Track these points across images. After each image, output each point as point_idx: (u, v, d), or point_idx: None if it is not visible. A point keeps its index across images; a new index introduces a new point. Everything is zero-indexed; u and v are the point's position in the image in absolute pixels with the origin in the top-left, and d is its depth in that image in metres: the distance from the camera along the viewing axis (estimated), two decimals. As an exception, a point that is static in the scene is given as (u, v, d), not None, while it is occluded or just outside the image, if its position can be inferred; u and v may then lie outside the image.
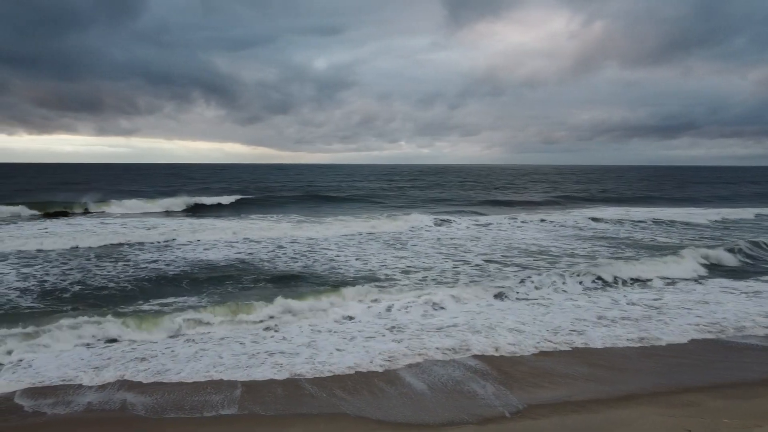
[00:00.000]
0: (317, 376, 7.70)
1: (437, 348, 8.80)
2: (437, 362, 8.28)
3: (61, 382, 7.38)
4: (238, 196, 39.63)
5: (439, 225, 25.00)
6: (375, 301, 11.45)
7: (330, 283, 13.11)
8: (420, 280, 13.54)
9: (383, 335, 9.46)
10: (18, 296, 11.50)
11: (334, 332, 9.58)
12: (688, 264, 15.16)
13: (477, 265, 15.61)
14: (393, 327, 9.90)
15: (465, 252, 17.84)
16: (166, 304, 10.97)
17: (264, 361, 8.13)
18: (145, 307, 10.79)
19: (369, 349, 8.71)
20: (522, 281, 13.10)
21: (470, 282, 13.27)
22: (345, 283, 12.80)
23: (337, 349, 8.69)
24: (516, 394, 7.16)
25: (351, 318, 10.43)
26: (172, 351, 8.52)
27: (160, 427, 6.24)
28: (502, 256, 17.10)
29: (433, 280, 13.60)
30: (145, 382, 7.43)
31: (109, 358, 8.21)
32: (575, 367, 8.14)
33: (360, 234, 21.75)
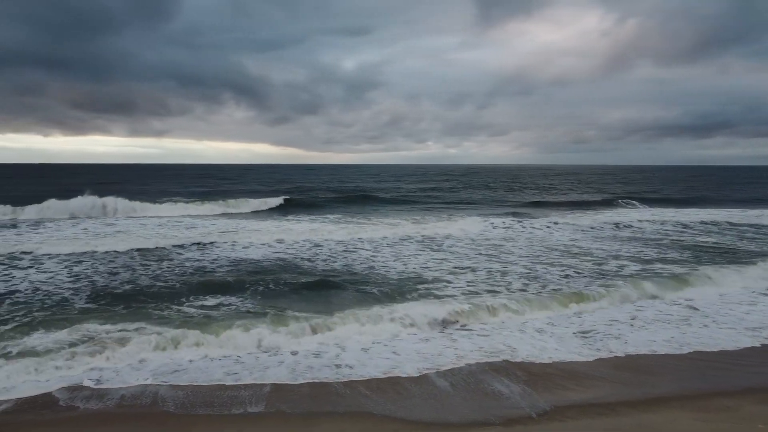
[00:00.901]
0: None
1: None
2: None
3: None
4: (284, 196, 38.67)
5: (495, 228, 23.65)
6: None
7: (400, 294, 12.11)
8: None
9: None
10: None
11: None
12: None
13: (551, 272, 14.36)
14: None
15: (542, 257, 16.65)
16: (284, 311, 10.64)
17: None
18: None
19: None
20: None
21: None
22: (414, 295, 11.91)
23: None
24: (542, 395, 7.03)
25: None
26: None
27: (189, 423, 6.29)
28: (567, 262, 15.87)
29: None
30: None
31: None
32: (603, 369, 7.97)
33: (421, 237, 20.81)
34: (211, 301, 11.29)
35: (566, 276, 13.80)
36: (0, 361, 7.70)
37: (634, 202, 40.70)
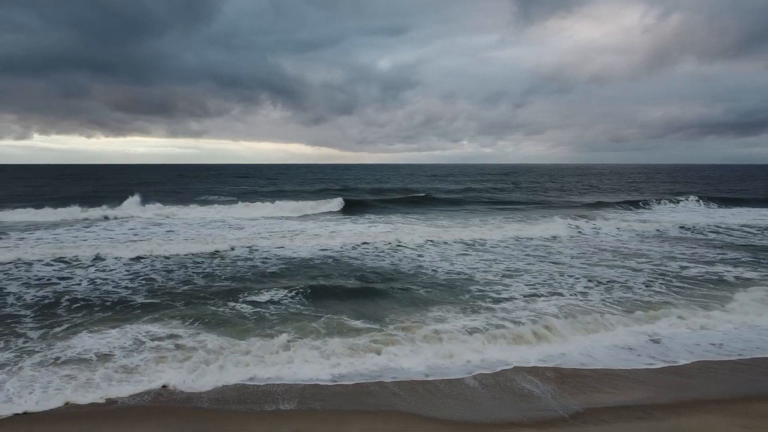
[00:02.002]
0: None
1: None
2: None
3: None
4: (346, 197, 37.83)
5: (582, 232, 22.35)
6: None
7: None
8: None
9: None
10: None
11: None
12: None
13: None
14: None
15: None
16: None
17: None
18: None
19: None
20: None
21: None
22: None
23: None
24: (575, 396, 6.94)
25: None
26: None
27: (221, 420, 6.40)
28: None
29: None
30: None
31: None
32: (638, 371, 7.82)
33: (518, 239, 20.13)
34: (320, 311, 10.68)
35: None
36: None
37: (700, 200, 39.18)
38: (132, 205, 29.55)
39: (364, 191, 50.63)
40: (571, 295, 11.98)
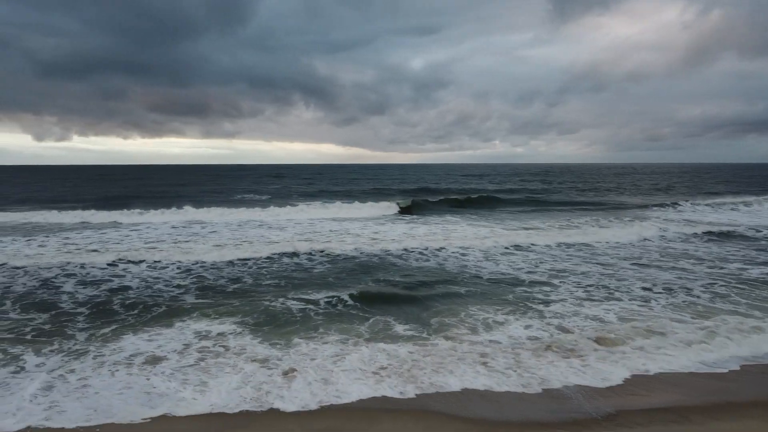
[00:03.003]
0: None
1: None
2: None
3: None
4: (410, 198, 36.49)
5: (670, 239, 20.42)
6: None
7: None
8: None
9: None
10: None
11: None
12: None
13: None
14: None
15: None
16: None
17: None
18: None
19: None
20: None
21: None
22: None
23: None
24: (607, 398, 6.84)
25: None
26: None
27: (250, 415, 6.48)
28: None
29: None
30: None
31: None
32: (675, 374, 7.66)
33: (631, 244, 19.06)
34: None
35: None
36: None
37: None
38: (194, 207, 29.97)
39: (422, 192, 49.64)
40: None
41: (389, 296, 11.88)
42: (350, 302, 11.21)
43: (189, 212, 28.21)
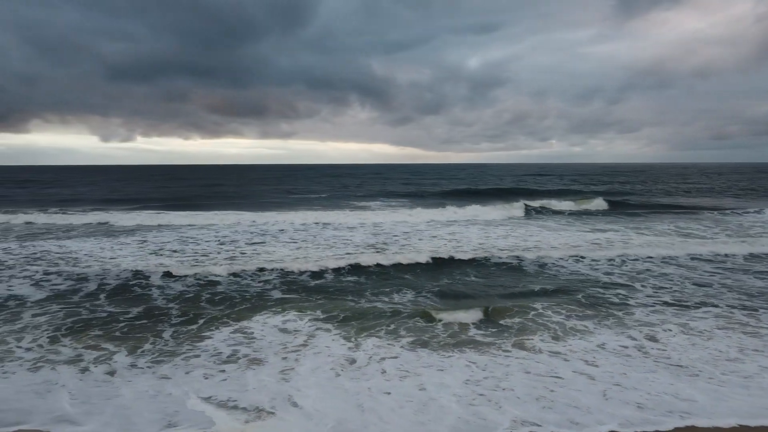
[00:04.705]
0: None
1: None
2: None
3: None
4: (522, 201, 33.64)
5: None
6: None
7: None
8: None
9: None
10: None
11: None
12: None
13: None
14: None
15: None
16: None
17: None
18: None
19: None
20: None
21: None
22: None
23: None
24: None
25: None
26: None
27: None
28: None
29: None
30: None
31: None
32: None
33: None
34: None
35: None
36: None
37: None
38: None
39: (519, 193, 47.33)
40: None
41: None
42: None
43: (309, 213, 28.79)
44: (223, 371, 7.90)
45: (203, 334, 9.63)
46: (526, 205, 32.03)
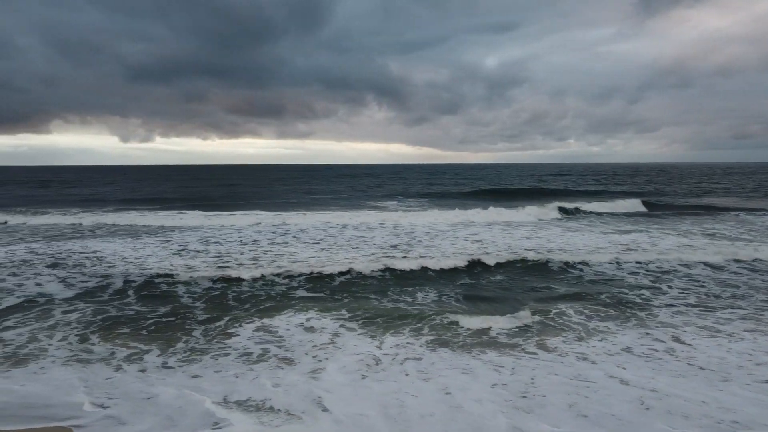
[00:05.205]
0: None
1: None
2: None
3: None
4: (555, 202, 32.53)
5: None
6: None
7: None
8: None
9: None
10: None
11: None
12: None
13: None
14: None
15: None
16: None
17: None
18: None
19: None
20: None
21: None
22: None
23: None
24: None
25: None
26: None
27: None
28: None
29: None
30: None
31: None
32: None
33: None
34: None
35: None
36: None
37: None
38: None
39: (569, 193, 46.49)
40: None
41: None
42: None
43: (330, 213, 28.81)
44: (253, 370, 7.92)
45: (230, 331, 9.69)
46: (560, 207, 31.04)
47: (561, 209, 30.80)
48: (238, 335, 9.49)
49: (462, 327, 9.86)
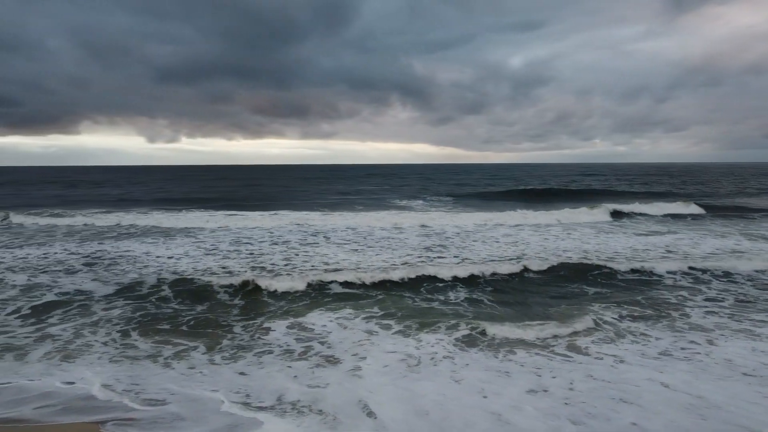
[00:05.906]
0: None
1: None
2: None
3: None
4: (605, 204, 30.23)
5: None
6: None
7: None
8: None
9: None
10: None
11: None
12: None
13: None
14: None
15: None
16: None
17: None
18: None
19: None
20: None
21: None
22: None
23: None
24: None
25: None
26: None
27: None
28: None
29: None
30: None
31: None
32: None
33: None
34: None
35: None
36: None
37: None
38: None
39: (615, 195, 44.29)
40: None
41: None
42: None
43: (360, 214, 28.49)
44: (292, 367, 8.04)
45: (268, 326, 9.88)
46: (614, 210, 29.01)
47: (614, 212, 28.64)
48: (275, 331, 9.68)
49: (496, 331, 9.73)
